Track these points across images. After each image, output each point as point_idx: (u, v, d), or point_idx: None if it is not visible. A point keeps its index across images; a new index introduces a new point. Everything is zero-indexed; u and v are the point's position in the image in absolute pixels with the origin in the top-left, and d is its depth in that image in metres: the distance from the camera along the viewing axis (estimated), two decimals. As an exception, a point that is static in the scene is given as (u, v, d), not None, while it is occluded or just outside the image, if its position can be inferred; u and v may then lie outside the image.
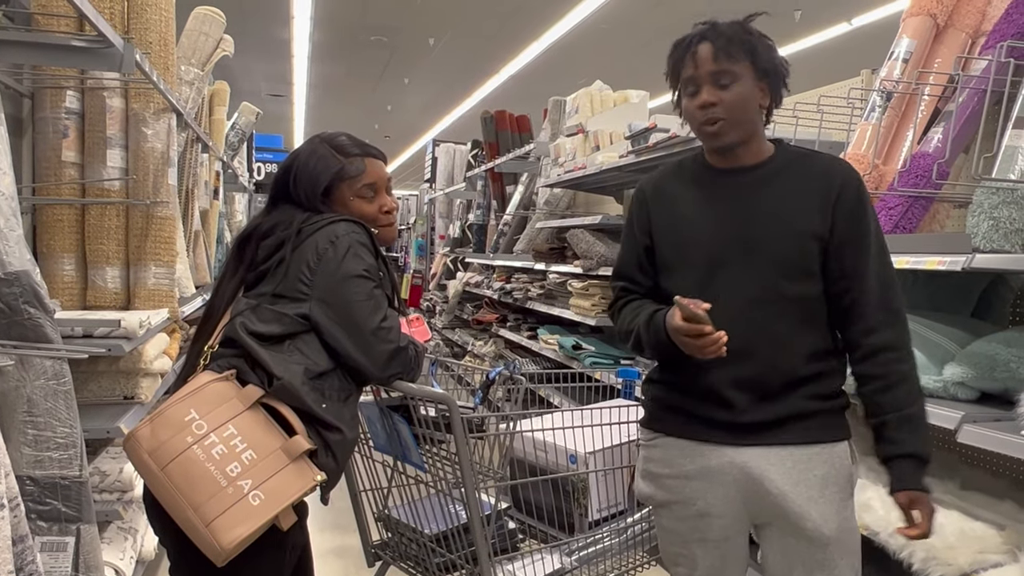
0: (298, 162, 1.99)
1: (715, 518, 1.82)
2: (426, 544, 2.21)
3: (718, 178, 1.85)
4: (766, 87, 1.79)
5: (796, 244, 1.76)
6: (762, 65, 1.76)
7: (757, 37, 1.79)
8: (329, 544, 3.73)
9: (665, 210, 1.91)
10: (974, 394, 2.24)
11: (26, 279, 1.91)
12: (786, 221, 1.77)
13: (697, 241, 1.84)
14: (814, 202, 1.77)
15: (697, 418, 1.83)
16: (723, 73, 1.74)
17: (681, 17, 8.99)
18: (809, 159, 1.84)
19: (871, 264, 1.77)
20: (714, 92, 1.75)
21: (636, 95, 5.41)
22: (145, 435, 1.68)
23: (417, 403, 2.00)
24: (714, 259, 1.80)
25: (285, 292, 1.84)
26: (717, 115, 1.75)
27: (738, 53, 1.75)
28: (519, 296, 5.87)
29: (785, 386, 1.77)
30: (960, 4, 2.70)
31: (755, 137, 1.82)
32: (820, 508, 1.75)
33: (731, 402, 1.78)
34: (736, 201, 1.82)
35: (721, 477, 1.80)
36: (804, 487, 1.76)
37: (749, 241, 1.78)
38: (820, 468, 1.77)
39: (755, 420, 1.78)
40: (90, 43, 2.37)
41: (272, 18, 9.94)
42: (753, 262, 1.77)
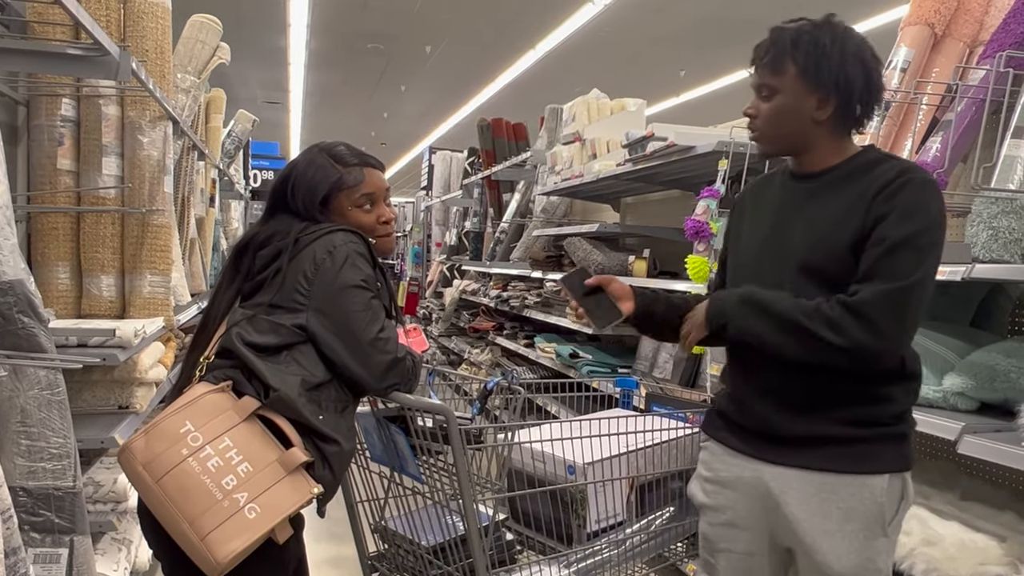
0: (296, 171, 1.98)
1: (741, 531, 1.80)
2: (423, 556, 2.19)
3: (789, 182, 1.83)
4: (824, 98, 1.69)
5: (830, 256, 1.67)
6: (812, 76, 1.67)
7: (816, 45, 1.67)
8: (324, 554, 3.70)
9: (743, 214, 1.93)
10: (974, 404, 2.24)
11: (20, 288, 1.89)
12: (822, 232, 1.69)
13: (748, 247, 1.85)
14: (854, 211, 1.66)
15: (735, 426, 1.83)
16: (763, 86, 1.73)
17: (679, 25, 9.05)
18: (878, 165, 1.70)
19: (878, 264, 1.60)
20: (755, 103, 1.74)
21: (633, 103, 5.40)
22: (140, 447, 1.67)
23: (414, 414, 1.98)
24: (755, 265, 1.81)
25: (282, 302, 1.83)
26: (755, 126, 1.76)
27: (780, 65, 1.69)
28: (516, 304, 5.86)
29: (816, 404, 1.69)
30: (958, 14, 2.70)
31: (813, 148, 1.74)
32: (834, 543, 1.67)
33: (757, 412, 1.76)
34: (791, 209, 1.78)
35: (750, 490, 1.78)
36: (821, 518, 1.68)
37: (786, 249, 1.74)
38: (845, 501, 1.67)
39: (781, 435, 1.73)
40: (86, 51, 2.36)
41: (268, 25, 9.93)
42: (786, 271, 1.73)
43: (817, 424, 1.69)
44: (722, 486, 1.84)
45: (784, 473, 1.72)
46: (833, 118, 1.71)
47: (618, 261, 4.31)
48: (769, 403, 1.74)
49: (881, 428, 1.69)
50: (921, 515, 2.27)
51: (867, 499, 1.67)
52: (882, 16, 8.64)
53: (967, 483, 2.52)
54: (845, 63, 1.67)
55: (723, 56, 10.55)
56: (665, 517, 2.38)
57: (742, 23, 9.08)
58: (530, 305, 5.62)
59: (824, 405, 1.69)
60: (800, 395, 1.70)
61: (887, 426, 1.70)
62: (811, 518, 1.68)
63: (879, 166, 1.69)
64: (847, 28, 1.72)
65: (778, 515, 1.73)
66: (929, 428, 2.14)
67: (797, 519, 1.70)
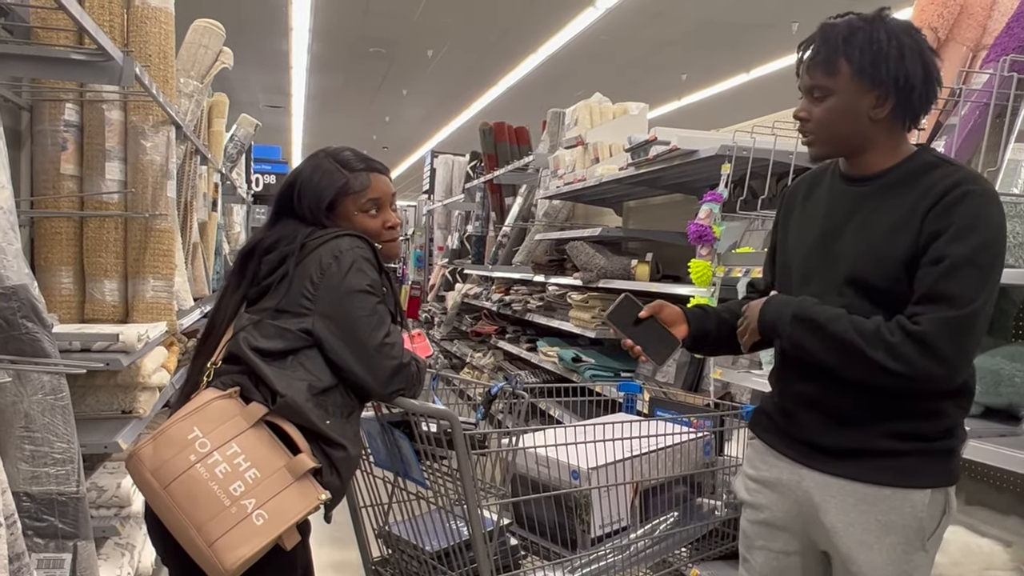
0: (302, 176, 1.98)
1: (779, 531, 1.81)
2: (427, 561, 2.19)
3: (841, 184, 1.76)
4: (883, 96, 1.62)
5: (878, 266, 1.62)
6: (869, 74, 1.60)
7: (871, 41, 1.60)
8: (328, 558, 3.70)
9: (791, 213, 1.88)
10: (978, 409, 2.23)
11: (24, 293, 1.89)
12: (872, 240, 1.64)
13: (798, 249, 1.81)
14: (907, 222, 1.59)
15: (779, 429, 1.82)
16: (815, 87, 1.66)
17: (680, 29, 9.04)
18: (932, 171, 1.63)
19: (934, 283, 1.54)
20: (806, 105, 1.68)
21: (635, 107, 5.41)
22: (148, 453, 1.67)
23: (419, 419, 1.98)
24: (804, 269, 1.77)
25: (288, 307, 1.83)
26: (806, 129, 1.70)
27: (833, 64, 1.62)
28: (518, 308, 5.85)
29: (857, 415, 1.66)
30: (961, 18, 2.70)
31: (870, 149, 1.68)
32: (871, 555, 1.65)
33: (800, 420, 1.74)
34: (842, 213, 1.72)
35: (789, 493, 1.77)
36: (859, 529, 1.66)
37: (836, 256, 1.70)
38: (885, 514, 1.64)
39: (824, 444, 1.71)
40: (90, 56, 2.36)
41: (270, 30, 9.95)
42: (836, 280, 1.68)
43: (863, 436, 1.66)
44: (763, 485, 1.83)
45: (826, 481, 1.70)
46: (891, 116, 1.65)
47: (621, 265, 4.31)
48: (816, 412, 1.71)
49: (928, 443, 1.65)
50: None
51: (907, 513, 1.64)
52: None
53: (972, 488, 2.51)
54: (904, 58, 1.60)
55: (724, 59, 10.57)
56: (669, 522, 2.38)
57: (742, 27, 9.10)
58: (532, 309, 5.62)
59: (872, 418, 1.66)
60: (848, 407, 1.67)
61: (934, 441, 1.66)
62: (849, 528, 1.67)
63: (934, 171, 1.63)
64: (902, 21, 1.65)
65: (817, 521, 1.72)
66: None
67: (835, 528, 1.68)
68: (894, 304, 1.59)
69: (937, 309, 1.52)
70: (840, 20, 1.64)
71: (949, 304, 1.52)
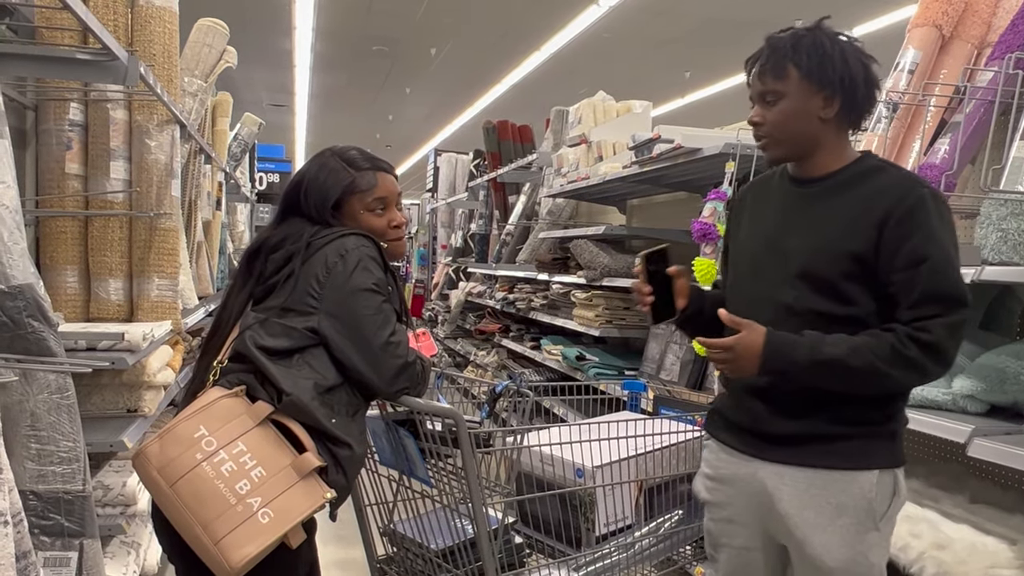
0: (309, 175, 1.98)
1: (739, 526, 1.87)
2: (432, 559, 2.19)
3: (789, 186, 1.86)
4: (830, 97, 1.73)
5: (830, 262, 1.71)
6: (817, 76, 1.72)
7: (816, 47, 1.73)
8: (332, 556, 3.70)
9: (742, 215, 1.98)
10: (983, 407, 2.23)
11: (30, 292, 1.90)
12: (824, 236, 1.73)
13: (750, 247, 1.89)
14: (860, 220, 1.70)
15: (732, 424, 1.88)
16: (767, 92, 1.76)
17: (683, 27, 9.03)
18: (879, 174, 1.75)
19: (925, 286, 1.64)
20: (759, 111, 1.78)
21: (639, 105, 5.40)
22: (154, 452, 1.67)
23: (424, 417, 1.98)
24: (753, 266, 1.85)
25: (294, 306, 1.83)
26: (761, 133, 1.79)
27: (783, 70, 1.73)
28: (522, 306, 5.85)
29: (809, 403, 1.73)
30: (966, 15, 2.69)
31: (819, 150, 1.78)
32: (825, 537, 1.72)
33: (750, 410, 1.81)
34: (792, 211, 1.82)
35: (745, 487, 1.84)
36: (812, 512, 1.73)
37: (786, 251, 1.78)
38: (836, 496, 1.72)
39: (774, 433, 1.77)
40: (94, 56, 2.37)
41: (274, 28, 9.96)
42: (787, 274, 1.76)
43: (810, 422, 1.74)
44: (721, 483, 1.90)
45: (778, 470, 1.77)
46: (838, 116, 1.76)
47: (624, 263, 4.31)
48: (765, 403, 1.78)
49: (873, 426, 1.74)
50: (931, 518, 2.26)
51: (857, 494, 1.72)
52: (888, 16, 8.63)
53: (977, 486, 2.51)
54: (847, 61, 1.73)
55: (727, 57, 10.52)
56: (674, 520, 2.38)
57: (745, 24, 9.08)
58: (536, 307, 5.62)
59: (819, 405, 1.73)
60: (797, 396, 1.74)
61: (880, 425, 1.75)
62: (803, 512, 1.74)
63: (881, 174, 1.75)
64: (838, 31, 1.79)
65: (773, 511, 1.78)
66: (939, 431, 2.13)
67: (789, 514, 1.75)
68: (840, 296, 1.71)
69: (939, 311, 1.63)
70: (784, 32, 1.77)
71: (948, 306, 1.63)
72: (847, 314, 1.71)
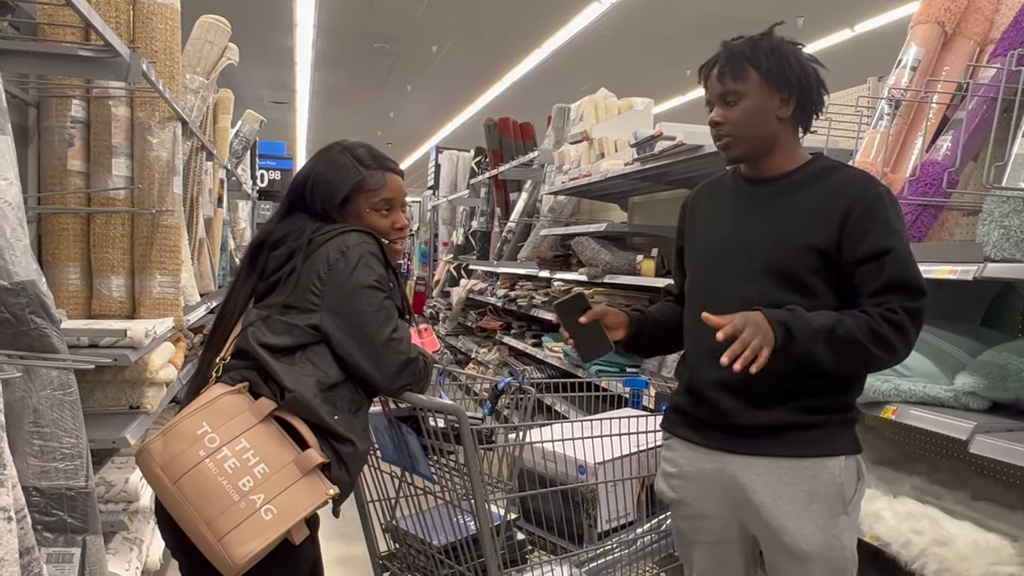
0: (317, 169, 1.97)
1: (710, 520, 1.90)
2: (434, 556, 2.20)
3: (744, 187, 1.92)
4: (787, 97, 1.82)
5: (792, 256, 1.78)
6: (775, 77, 1.80)
7: (773, 50, 1.81)
8: (334, 553, 3.71)
9: (696, 216, 2.02)
10: (985, 404, 2.23)
11: (32, 289, 1.90)
12: (786, 232, 1.80)
13: (709, 246, 1.93)
14: (821, 216, 1.78)
15: (695, 420, 1.91)
16: (727, 93, 1.82)
17: (684, 24, 9.01)
18: (834, 173, 1.84)
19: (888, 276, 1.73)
20: (720, 112, 1.83)
21: (641, 102, 5.40)
22: (157, 448, 1.68)
23: (426, 414, 1.99)
24: (715, 264, 1.89)
25: (296, 303, 1.83)
26: (723, 132, 1.84)
27: (743, 71, 1.80)
28: (523, 303, 5.85)
29: (773, 395, 1.79)
30: (968, 12, 2.69)
31: (777, 149, 1.86)
32: (800, 524, 1.77)
33: (718, 405, 1.84)
34: (750, 210, 1.88)
35: (713, 482, 1.87)
36: (786, 501, 1.78)
37: (747, 248, 1.84)
38: (808, 483, 1.78)
39: (742, 424, 1.82)
40: (96, 52, 2.37)
41: (275, 26, 9.95)
42: (751, 269, 1.82)
43: (779, 413, 1.79)
44: (686, 480, 1.93)
45: (749, 462, 1.82)
46: (794, 116, 1.84)
47: (626, 260, 4.31)
48: (735, 397, 1.82)
49: (836, 415, 1.82)
50: (933, 515, 2.26)
51: (828, 480, 1.78)
52: (890, 13, 8.62)
53: (978, 483, 2.51)
54: (801, 64, 1.82)
55: (729, 54, 10.52)
56: (676, 517, 2.38)
57: (746, 21, 9.06)
58: (538, 304, 5.62)
59: (787, 396, 1.79)
60: (763, 388, 1.77)
61: (841, 413, 1.83)
62: (777, 501, 1.78)
63: (836, 173, 1.84)
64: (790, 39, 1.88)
65: (746, 502, 1.82)
66: (940, 428, 2.13)
67: (763, 504, 1.79)
68: (803, 289, 1.77)
69: (903, 298, 1.72)
70: (740, 39, 1.85)
71: (912, 294, 1.73)
72: (809, 307, 1.75)
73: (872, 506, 2.37)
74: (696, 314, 1.79)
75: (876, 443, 2.87)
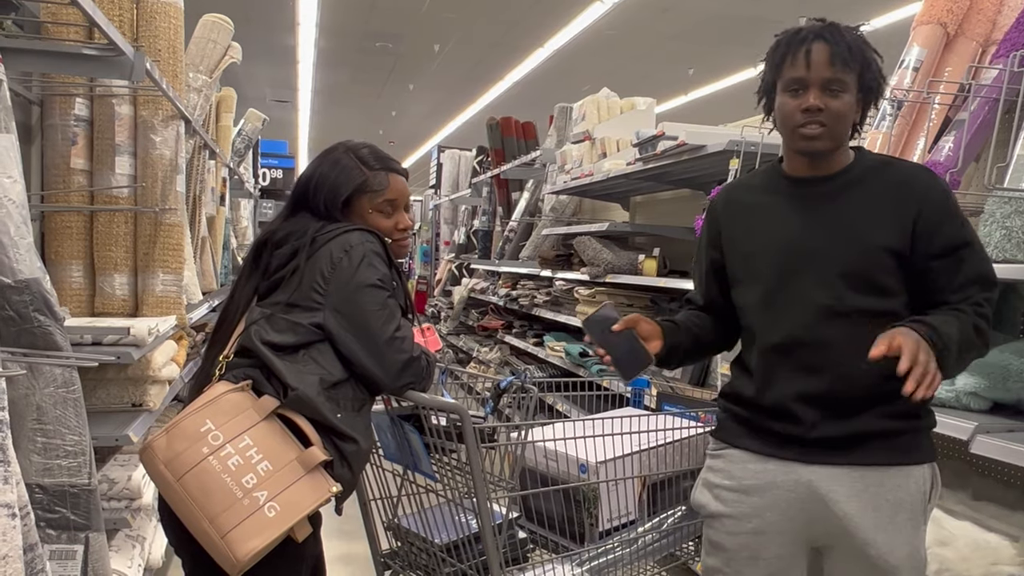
0: (321, 170, 1.98)
1: (772, 535, 1.78)
2: (436, 554, 2.20)
3: (794, 187, 1.82)
4: (861, 103, 1.74)
5: (866, 256, 1.70)
6: (867, 82, 1.72)
7: (871, 51, 1.74)
8: (336, 551, 3.71)
9: (736, 222, 1.89)
10: (986, 404, 2.23)
11: (36, 287, 1.90)
12: (857, 232, 1.72)
13: (766, 252, 1.81)
14: (890, 214, 1.71)
15: (765, 431, 1.80)
16: (835, 81, 1.68)
17: (687, 23, 9.00)
18: (889, 167, 1.79)
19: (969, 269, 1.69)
20: (822, 97, 1.68)
21: (643, 102, 5.40)
22: (161, 446, 1.68)
23: (428, 412, 1.99)
24: (783, 270, 1.77)
25: (299, 301, 1.84)
26: (820, 120, 1.69)
27: (853, 63, 1.69)
28: (525, 303, 5.86)
29: (858, 403, 1.71)
30: (971, 13, 2.69)
31: (839, 149, 1.77)
32: (888, 535, 1.69)
33: (799, 417, 1.74)
34: (809, 211, 1.78)
35: (785, 495, 1.76)
36: (873, 511, 1.70)
37: (818, 251, 1.74)
38: (893, 492, 1.70)
39: (825, 436, 1.72)
40: (101, 51, 2.37)
41: (277, 24, 9.96)
42: (822, 273, 1.73)
43: (865, 422, 1.71)
44: (746, 493, 1.81)
45: (831, 472, 1.72)
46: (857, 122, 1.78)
47: (628, 260, 4.32)
48: (816, 407, 1.72)
49: (917, 420, 1.75)
50: (934, 515, 2.26)
51: (913, 489, 1.72)
52: (893, 14, 8.61)
53: (979, 483, 2.51)
54: (881, 71, 1.75)
55: (731, 54, 10.53)
56: (677, 516, 2.39)
57: (749, 20, 9.07)
58: (539, 304, 5.62)
59: (872, 403, 1.70)
60: (853, 397, 1.71)
61: (922, 418, 1.76)
62: (864, 513, 1.69)
63: (889, 168, 1.78)
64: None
65: (826, 515, 1.72)
66: (941, 428, 2.13)
67: (849, 515, 1.70)
68: (880, 290, 1.70)
69: (983, 290, 1.69)
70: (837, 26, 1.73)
71: (990, 286, 1.71)
72: (885, 308, 1.70)
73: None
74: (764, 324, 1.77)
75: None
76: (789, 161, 1.84)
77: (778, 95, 1.75)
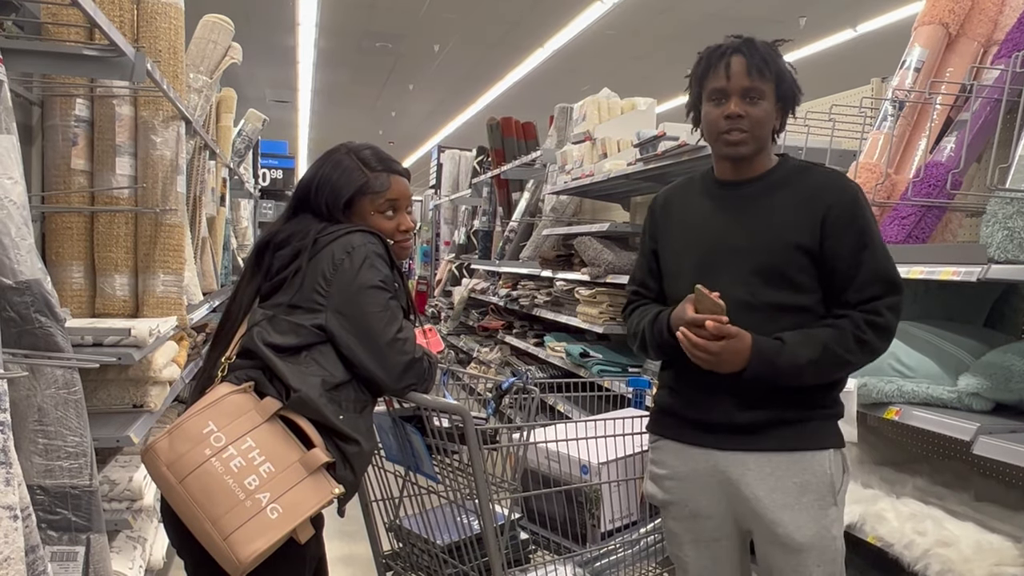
0: (322, 172, 1.98)
1: (705, 519, 1.92)
2: (438, 555, 2.20)
3: (720, 190, 1.95)
4: (780, 111, 1.89)
5: (780, 254, 1.82)
6: (783, 91, 1.86)
7: (784, 63, 1.87)
8: (337, 552, 3.71)
9: (670, 219, 2.03)
10: (989, 405, 2.23)
11: (37, 288, 1.90)
12: (772, 231, 1.84)
13: (691, 248, 1.94)
14: (804, 216, 1.83)
15: (686, 421, 1.93)
16: (753, 89, 1.82)
17: (687, 24, 9.01)
18: (807, 173, 1.90)
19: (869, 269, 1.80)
20: (742, 105, 1.82)
21: (643, 102, 5.40)
22: (163, 448, 1.68)
23: (430, 414, 1.99)
24: (704, 265, 1.89)
25: (301, 303, 1.84)
26: (741, 127, 1.83)
27: (768, 73, 1.82)
28: (525, 303, 5.86)
29: (766, 393, 1.82)
30: (972, 13, 2.69)
31: (763, 152, 1.90)
32: (793, 515, 1.81)
33: (712, 405, 1.86)
34: (732, 211, 1.90)
35: (707, 479, 1.90)
36: (779, 494, 1.82)
37: (736, 249, 1.86)
38: (799, 475, 1.83)
39: (736, 423, 1.84)
40: (101, 52, 2.37)
41: (277, 25, 9.96)
42: (738, 269, 1.85)
43: (770, 411, 1.83)
44: (680, 480, 1.94)
45: (741, 458, 1.85)
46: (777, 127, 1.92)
47: (628, 260, 4.31)
48: (729, 397, 1.84)
49: (825, 409, 1.88)
50: (936, 516, 2.27)
51: (819, 472, 1.84)
52: (894, 13, 8.61)
53: (981, 484, 2.51)
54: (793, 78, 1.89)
55: (732, 54, 10.50)
56: (679, 517, 2.38)
57: (749, 21, 9.07)
58: (540, 304, 5.62)
59: (777, 393, 1.82)
60: (755, 388, 1.81)
61: (829, 408, 1.89)
62: (771, 494, 1.82)
63: (811, 172, 1.90)
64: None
65: (739, 498, 1.86)
66: (944, 428, 2.14)
67: (757, 497, 1.83)
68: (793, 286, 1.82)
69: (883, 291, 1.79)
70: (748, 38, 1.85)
71: (891, 287, 1.81)
72: (798, 304, 1.83)
73: (875, 507, 2.38)
74: None
75: (879, 444, 2.88)
76: (717, 166, 1.98)
77: (703, 106, 1.90)
